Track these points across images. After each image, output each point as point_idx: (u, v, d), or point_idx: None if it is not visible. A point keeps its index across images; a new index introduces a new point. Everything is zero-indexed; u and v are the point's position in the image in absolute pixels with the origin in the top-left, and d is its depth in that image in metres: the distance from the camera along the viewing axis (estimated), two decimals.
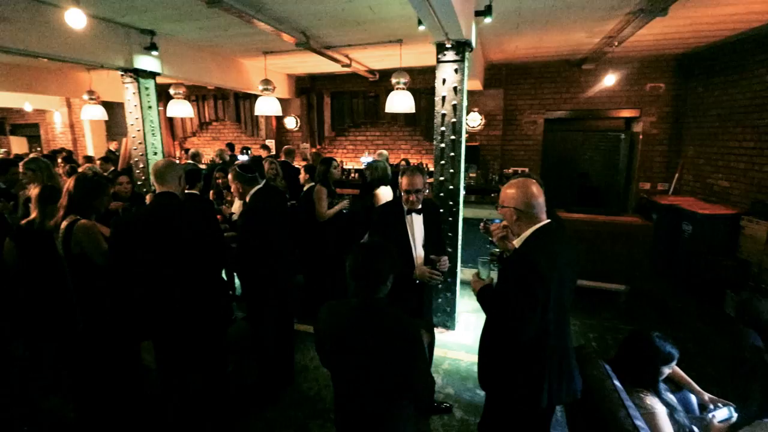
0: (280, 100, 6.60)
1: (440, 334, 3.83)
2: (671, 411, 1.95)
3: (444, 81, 3.65)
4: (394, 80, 5.23)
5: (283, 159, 5.81)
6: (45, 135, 11.06)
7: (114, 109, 8.47)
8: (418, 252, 2.58)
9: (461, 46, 3.54)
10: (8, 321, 3.23)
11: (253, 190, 2.79)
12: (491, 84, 7.21)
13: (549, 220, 1.79)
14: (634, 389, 1.95)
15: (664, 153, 6.63)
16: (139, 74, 4.95)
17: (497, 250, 2.06)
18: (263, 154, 7.67)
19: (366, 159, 7.84)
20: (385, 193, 3.88)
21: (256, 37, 5.23)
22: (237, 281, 4.81)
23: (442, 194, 3.75)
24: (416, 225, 2.56)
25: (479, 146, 7.39)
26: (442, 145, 3.71)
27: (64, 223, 2.32)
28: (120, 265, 2.27)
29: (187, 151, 8.23)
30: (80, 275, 2.38)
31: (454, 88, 3.62)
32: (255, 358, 3.07)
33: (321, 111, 8.53)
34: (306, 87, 8.55)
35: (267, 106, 6.05)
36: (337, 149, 8.70)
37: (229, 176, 2.89)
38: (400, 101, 5.21)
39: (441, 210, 3.73)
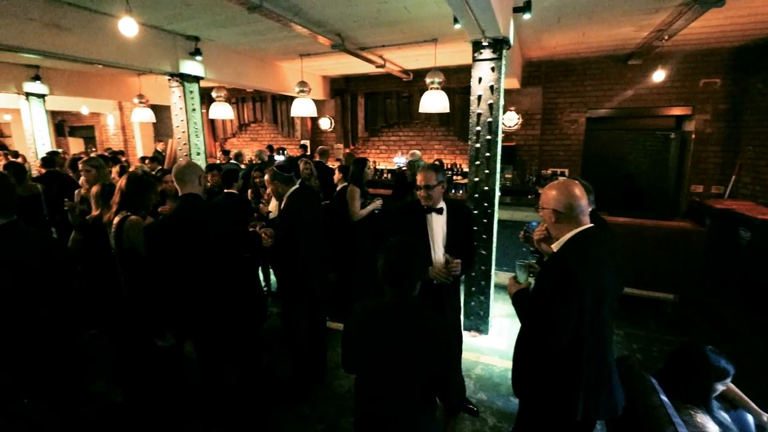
0: (315, 101, 6.72)
1: (472, 338, 3.76)
2: (724, 431, 1.80)
3: (480, 80, 3.58)
4: (428, 80, 5.20)
5: (317, 159, 5.91)
6: (99, 136, 11.87)
7: (161, 111, 8.95)
8: (438, 254, 2.52)
9: (498, 44, 3.46)
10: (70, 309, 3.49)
11: (289, 191, 2.86)
12: (529, 82, 7.00)
13: (591, 225, 1.71)
14: (684, 406, 1.82)
15: (718, 153, 6.18)
16: (184, 78, 5.20)
17: (537, 255, 1.99)
18: (299, 153, 7.84)
19: (399, 159, 7.84)
20: None
21: (293, 40, 5.36)
22: (272, 278, 4.95)
23: (476, 195, 3.67)
24: (436, 225, 2.51)
25: (516, 146, 7.19)
26: (477, 145, 3.64)
27: (116, 219, 2.49)
28: (158, 264, 2.39)
29: (226, 152, 8.55)
30: (130, 268, 2.53)
31: (491, 87, 3.54)
32: (289, 353, 3.14)
33: (355, 112, 8.61)
34: (340, 88, 8.67)
35: (303, 108, 6.18)
36: (371, 150, 8.76)
37: (266, 176, 2.97)
38: (434, 101, 5.17)
39: (475, 212, 3.66)
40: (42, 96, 6.96)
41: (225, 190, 4.03)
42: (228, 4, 3.55)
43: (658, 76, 6.13)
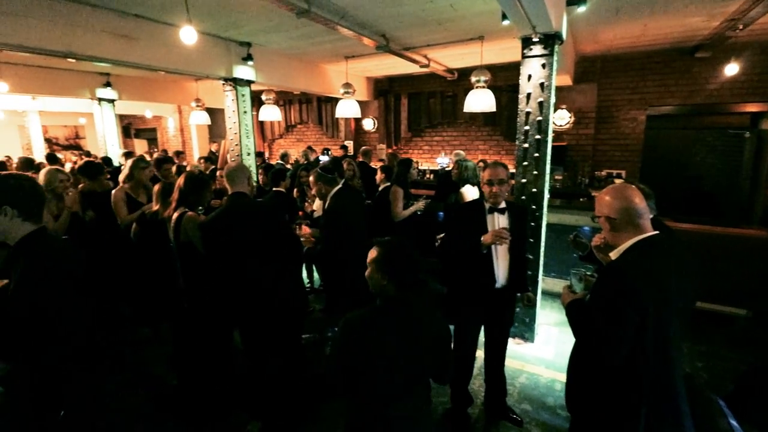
0: (359, 102, 6.80)
1: (517, 346, 3.62)
2: None
3: (529, 77, 3.44)
4: (473, 78, 5.08)
5: (360, 159, 5.98)
6: (161, 138, 12.78)
7: (215, 114, 9.45)
8: (501, 257, 2.44)
9: (550, 39, 3.31)
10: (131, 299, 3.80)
11: (333, 191, 2.91)
12: (583, 78, 6.65)
13: (655, 232, 1.57)
14: None
15: None
16: (237, 82, 5.46)
17: (588, 262, 1.87)
18: (340, 154, 7.96)
19: (442, 160, 7.74)
20: (471, 193, 3.80)
21: (338, 42, 5.45)
22: (315, 275, 5.06)
23: (524, 197, 3.54)
24: (499, 226, 2.42)
25: (567, 146, 6.86)
26: (526, 145, 3.50)
27: (175, 215, 2.66)
28: (210, 257, 2.52)
29: (262, 154, 8.87)
30: (187, 262, 2.69)
31: (541, 85, 3.39)
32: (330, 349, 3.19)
33: (398, 112, 8.62)
34: (384, 89, 8.71)
35: (347, 109, 6.27)
36: (413, 150, 8.72)
37: (311, 177, 3.04)
38: (479, 100, 5.05)
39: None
40: (112, 101, 7.60)
41: (273, 189, 4.19)
42: (278, 9, 3.68)
43: (731, 69, 5.58)
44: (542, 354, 3.58)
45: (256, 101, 8.10)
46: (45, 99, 8.97)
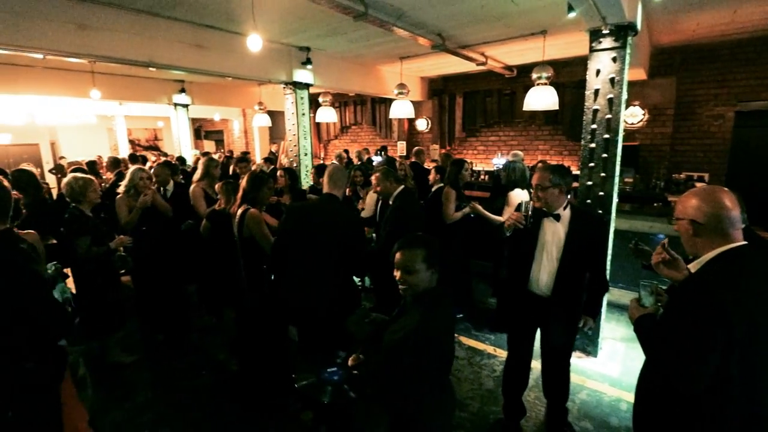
0: (413, 102, 6.77)
1: (578, 360, 3.39)
2: None
3: (598, 72, 3.21)
4: (534, 75, 4.86)
5: (413, 160, 5.95)
6: (227, 139, 13.68)
7: (275, 116, 9.92)
8: (545, 264, 2.29)
9: (622, 31, 3.05)
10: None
11: (398, 190, 2.92)
12: (659, 72, 6.09)
13: (744, 242, 1.38)
14: None
15: None
16: (296, 86, 5.68)
17: (665, 280, 1.69)
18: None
19: (498, 161, 7.49)
20: (519, 196, 3.63)
21: (393, 43, 5.47)
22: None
23: (589, 201, 3.30)
24: (550, 232, 2.29)
25: (639, 146, 6.31)
26: (592, 145, 3.27)
27: (239, 212, 2.83)
28: (277, 245, 2.62)
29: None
30: (248, 256, 2.85)
31: (611, 80, 3.14)
32: None
33: (452, 112, 8.47)
34: (438, 88, 8.60)
35: (401, 109, 6.27)
36: (467, 150, 8.52)
37: (378, 174, 3.07)
38: (540, 97, 4.81)
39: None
40: (186, 105, 8.26)
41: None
42: (336, 14, 3.76)
43: None
44: (606, 370, 3.32)
45: (314, 103, 8.38)
46: (129, 104, 9.95)
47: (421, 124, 9.01)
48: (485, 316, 4.21)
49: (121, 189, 3.58)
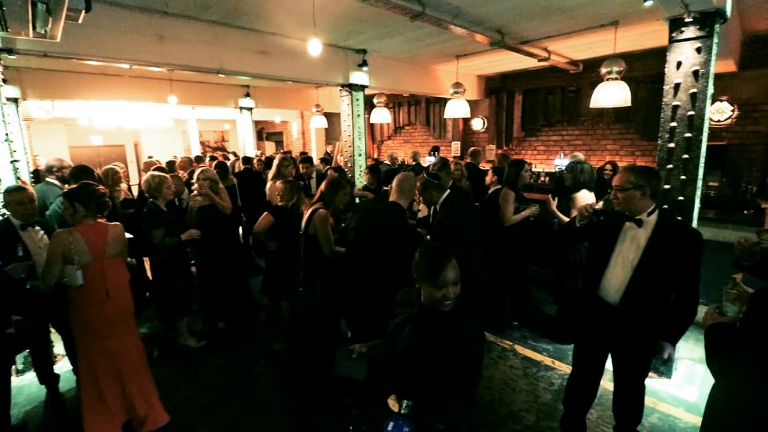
0: (469, 101, 6.61)
1: (649, 379, 3.09)
2: None
3: (679, 64, 2.91)
4: (604, 70, 4.52)
5: (468, 160, 5.81)
6: (286, 140, 14.30)
7: (331, 118, 10.18)
8: (618, 271, 2.11)
9: (708, 18, 2.74)
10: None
11: (443, 197, 2.86)
12: (752, 63, 5.40)
13: None
14: None
15: None
16: (352, 88, 5.78)
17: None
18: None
19: (560, 162, 7.08)
20: (586, 199, 3.39)
21: (449, 42, 5.37)
22: None
23: (666, 206, 3.00)
24: (629, 238, 2.10)
25: (727, 146, 5.64)
26: (671, 144, 2.97)
27: (310, 209, 2.98)
28: (351, 247, 2.72)
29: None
30: (310, 252, 2.97)
31: (695, 73, 2.83)
32: None
33: (511, 110, 8.15)
34: (496, 87, 8.32)
35: (456, 109, 6.15)
36: (527, 150, 8.16)
37: (418, 185, 3.05)
38: (610, 94, 4.47)
39: None
40: (250, 109, 8.75)
41: (383, 188, 4.35)
42: (393, 15, 3.76)
43: None
44: (682, 394, 3.01)
45: (368, 104, 8.48)
46: (201, 108, 10.74)
47: (477, 124, 8.78)
48: (544, 326, 4.00)
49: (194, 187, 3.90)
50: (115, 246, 2.55)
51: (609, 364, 2.35)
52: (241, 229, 5.61)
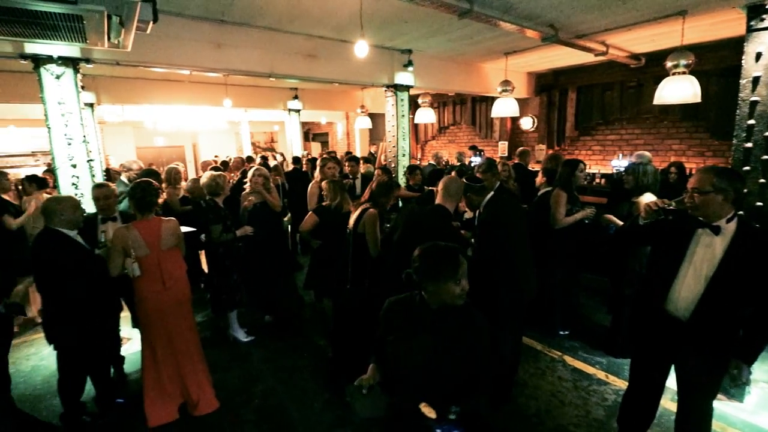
0: (518, 100, 6.38)
1: (717, 402, 2.82)
2: None
3: (758, 56, 2.64)
4: (669, 63, 4.18)
5: (516, 161, 5.61)
6: (331, 141, 14.62)
7: (375, 118, 10.27)
8: (690, 282, 1.92)
9: None
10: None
11: (486, 199, 2.77)
12: None
13: None
14: None
15: None
16: (397, 88, 5.79)
17: None
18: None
19: (619, 162, 6.64)
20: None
21: (498, 39, 5.22)
22: None
23: (741, 212, 2.72)
24: (703, 246, 1.91)
25: None
26: (749, 144, 2.69)
27: (359, 208, 3.05)
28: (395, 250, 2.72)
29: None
30: (357, 251, 3.02)
31: None
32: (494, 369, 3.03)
33: (563, 108, 7.77)
34: (547, 84, 7.97)
35: (504, 108, 5.96)
36: (580, 150, 7.73)
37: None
38: (676, 89, 4.13)
39: None
40: (298, 111, 9.03)
41: (429, 188, 4.32)
42: (440, 14, 3.71)
43: None
44: (755, 420, 2.72)
45: (413, 104, 8.46)
46: (252, 111, 11.25)
47: (526, 123, 8.46)
48: (596, 336, 3.77)
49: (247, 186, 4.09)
50: (170, 239, 2.75)
51: (671, 382, 2.17)
52: (290, 228, 5.80)
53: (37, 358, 3.71)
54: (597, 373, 3.27)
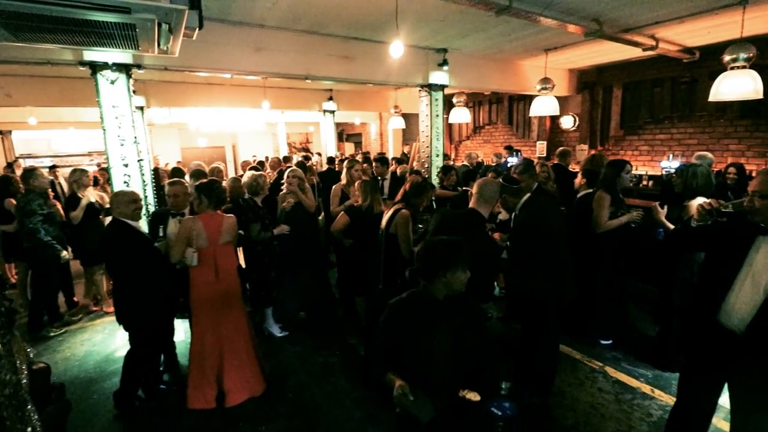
0: (558, 97, 6.15)
1: None
2: None
3: None
4: (727, 57, 3.89)
5: (555, 161, 5.41)
6: (364, 141, 14.72)
7: (408, 118, 10.24)
8: (747, 293, 1.77)
9: None
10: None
11: (522, 201, 2.68)
12: None
13: None
14: None
15: None
16: (431, 88, 5.74)
17: None
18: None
19: (669, 164, 6.25)
20: None
21: (537, 35, 5.07)
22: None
23: None
24: (763, 254, 1.75)
25: None
26: None
27: (392, 209, 3.06)
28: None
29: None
30: (390, 251, 3.04)
31: None
32: (531, 372, 2.92)
33: (607, 106, 7.41)
34: (590, 81, 7.63)
35: (544, 106, 5.77)
36: (626, 150, 7.34)
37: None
38: (735, 85, 3.83)
39: None
40: (333, 112, 9.15)
41: (463, 188, 4.26)
42: (476, 12, 3.64)
43: None
44: None
45: (447, 104, 8.36)
46: (289, 112, 11.54)
47: (567, 122, 8.14)
48: (641, 348, 3.56)
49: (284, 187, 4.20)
50: (228, 235, 2.92)
51: (724, 400, 2.01)
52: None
53: (90, 344, 3.97)
54: (641, 387, 3.09)
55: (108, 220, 3.46)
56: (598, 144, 7.62)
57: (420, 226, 3.54)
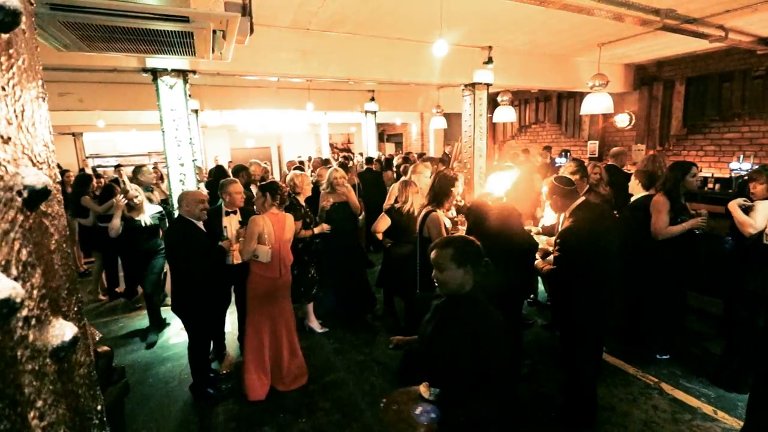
0: (612, 94, 5.80)
1: None
2: None
3: None
4: None
5: (609, 162, 5.11)
6: (405, 141, 14.70)
7: (449, 118, 10.09)
8: None
9: None
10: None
11: (573, 205, 2.54)
12: None
13: None
14: None
15: None
16: (475, 87, 5.61)
17: None
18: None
19: (739, 165, 5.72)
20: None
21: (590, 29, 4.80)
22: (541, 285, 4.69)
23: None
24: None
25: None
26: None
27: (423, 211, 3.05)
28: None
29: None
30: (426, 255, 2.97)
31: None
32: (568, 385, 2.81)
33: (668, 103, 6.89)
34: (649, 76, 7.13)
35: (596, 104, 5.45)
36: (689, 151, 6.79)
37: (546, 189, 2.79)
38: None
39: None
40: (374, 112, 9.22)
41: None
42: (523, 5, 3.50)
43: None
44: None
45: (491, 103, 8.15)
46: (331, 113, 11.76)
47: (622, 120, 7.66)
48: (702, 364, 3.28)
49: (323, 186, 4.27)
50: (290, 232, 3.11)
51: None
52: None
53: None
54: (702, 407, 2.84)
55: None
56: (657, 144, 7.11)
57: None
